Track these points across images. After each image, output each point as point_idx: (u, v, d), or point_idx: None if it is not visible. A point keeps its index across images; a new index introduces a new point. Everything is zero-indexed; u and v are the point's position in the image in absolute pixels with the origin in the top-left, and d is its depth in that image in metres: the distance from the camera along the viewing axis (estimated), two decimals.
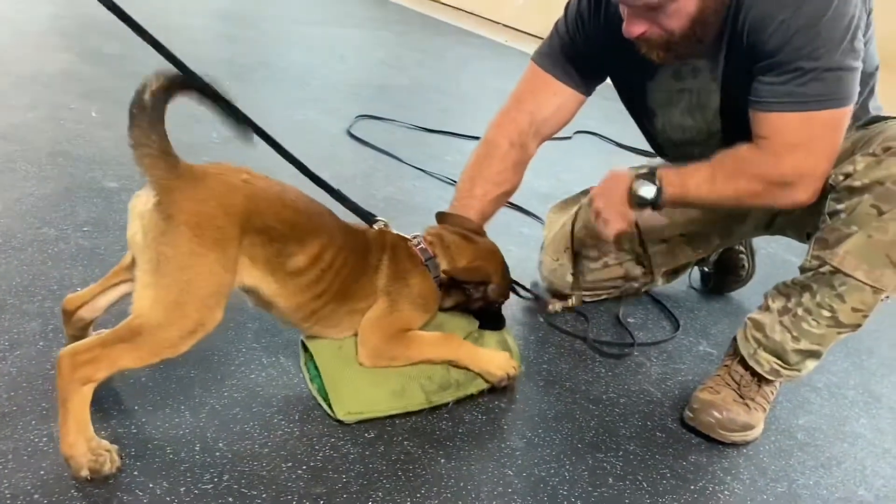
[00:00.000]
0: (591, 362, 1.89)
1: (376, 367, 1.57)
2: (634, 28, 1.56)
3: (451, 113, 3.99)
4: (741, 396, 1.68)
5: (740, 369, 1.71)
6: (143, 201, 1.25)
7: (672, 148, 1.91)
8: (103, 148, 2.60)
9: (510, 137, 1.88)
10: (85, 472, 1.22)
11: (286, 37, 5.25)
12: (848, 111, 1.53)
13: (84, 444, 1.22)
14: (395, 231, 1.65)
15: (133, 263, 1.30)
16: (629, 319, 2.12)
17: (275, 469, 1.34)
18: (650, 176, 1.66)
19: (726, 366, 1.75)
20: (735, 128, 1.64)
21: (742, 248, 2.33)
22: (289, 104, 3.56)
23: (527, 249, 2.45)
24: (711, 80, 1.68)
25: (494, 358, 1.65)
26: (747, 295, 2.39)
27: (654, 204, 1.66)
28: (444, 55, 5.66)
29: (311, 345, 1.59)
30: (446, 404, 1.60)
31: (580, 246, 2.08)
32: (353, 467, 1.38)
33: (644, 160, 2.12)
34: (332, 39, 5.37)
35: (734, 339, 1.74)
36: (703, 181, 1.63)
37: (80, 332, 1.47)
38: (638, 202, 1.68)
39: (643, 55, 1.63)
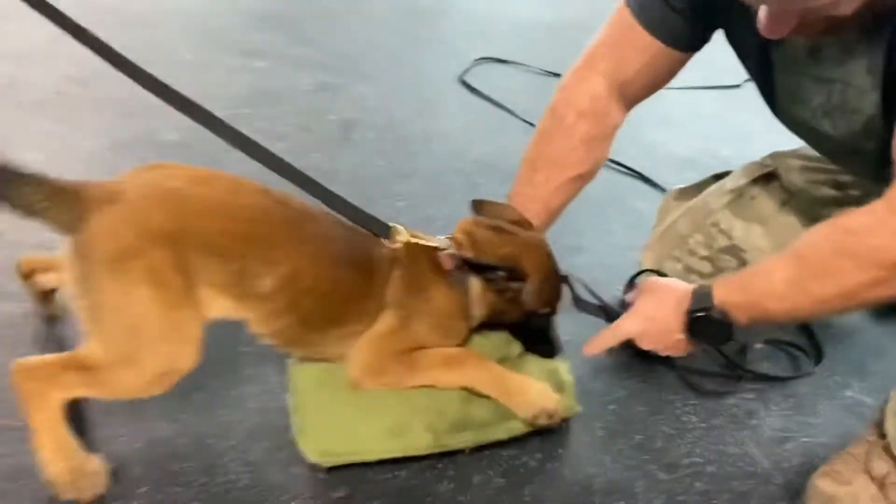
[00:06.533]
0: (680, 405, 1.42)
1: (367, 388, 1.22)
2: (780, 28, 1.02)
3: None
4: (883, 487, 1.16)
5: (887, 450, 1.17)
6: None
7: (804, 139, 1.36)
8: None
9: (578, 105, 1.40)
10: (70, 496, 1.06)
11: None
12: None
13: (63, 464, 1.05)
14: (421, 240, 1.27)
15: None
16: (756, 346, 1.59)
17: None
18: (706, 308, 1.17)
19: (868, 440, 1.21)
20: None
21: None
22: (403, 45, 3.20)
23: (638, 232, 1.93)
24: (867, 74, 1.10)
25: (528, 386, 1.25)
26: None
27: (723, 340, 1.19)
28: None
29: (294, 367, 1.28)
30: (461, 451, 1.23)
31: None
32: None
33: None
34: None
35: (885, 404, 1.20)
36: (781, 288, 1.10)
37: (44, 296, 1.32)
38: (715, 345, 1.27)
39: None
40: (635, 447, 1.31)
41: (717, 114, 2.90)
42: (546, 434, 1.29)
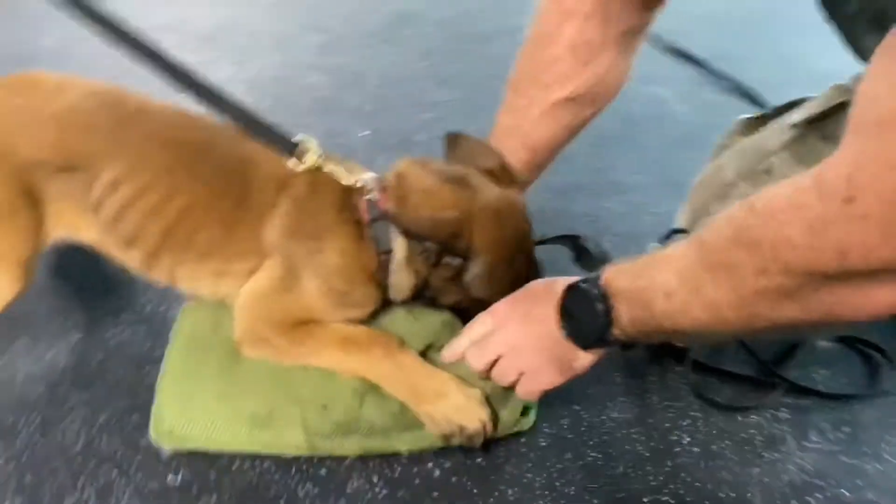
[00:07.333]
0: (673, 415, 1.05)
1: (248, 355, 0.99)
2: None
3: None
4: None
5: None
6: None
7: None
8: None
9: (563, 3, 1.02)
10: None
11: None
12: None
13: None
14: (336, 168, 0.99)
15: None
16: (819, 344, 1.17)
17: None
18: (589, 294, 0.84)
19: None
20: None
21: None
22: None
23: None
24: None
25: (449, 393, 0.94)
26: None
27: (605, 340, 0.85)
28: None
29: (182, 312, 1.07)
30: (342, 458, 0.97)
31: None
32: None
33: None
34: None
35: None
36: (672, 281, 0.77)
37: None
38: (583, 342, 0.88)
39: None
40: (584, 469, 0.98)
41: None
42: None
